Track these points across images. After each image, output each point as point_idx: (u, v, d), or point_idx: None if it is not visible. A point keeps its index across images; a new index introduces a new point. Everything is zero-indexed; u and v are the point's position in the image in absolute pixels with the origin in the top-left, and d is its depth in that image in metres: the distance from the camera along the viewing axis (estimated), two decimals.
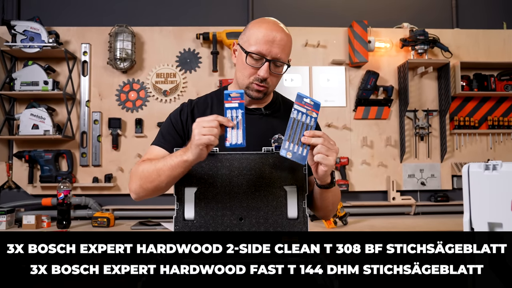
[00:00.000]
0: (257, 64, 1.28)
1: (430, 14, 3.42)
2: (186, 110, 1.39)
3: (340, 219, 2.65)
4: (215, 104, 1.41)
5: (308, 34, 3.16)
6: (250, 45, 1.27)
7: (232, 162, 1.28)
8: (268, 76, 1.28)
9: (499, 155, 3.22)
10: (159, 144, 1.36)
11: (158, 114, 3.05)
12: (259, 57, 1.26)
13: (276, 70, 1.30)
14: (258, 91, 1.31)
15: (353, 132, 3.17)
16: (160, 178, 1.21)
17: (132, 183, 1.30)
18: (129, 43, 2.99)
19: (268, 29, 1.27)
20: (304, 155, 1.13)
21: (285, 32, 1.29)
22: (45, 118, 2.86)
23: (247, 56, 1.28)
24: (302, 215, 1.29)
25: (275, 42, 1.26)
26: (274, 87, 1.36)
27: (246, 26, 1.34)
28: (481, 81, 3.18)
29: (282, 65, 1.30)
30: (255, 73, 1.29)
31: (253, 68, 1.28)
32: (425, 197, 3.23)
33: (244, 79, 1.32)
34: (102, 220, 2.66)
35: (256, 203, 1.28)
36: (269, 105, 1.42)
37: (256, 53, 1.26)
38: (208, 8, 3.31)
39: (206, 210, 1.27)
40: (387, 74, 3.21)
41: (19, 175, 3.02)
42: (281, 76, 1.35)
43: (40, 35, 2.86)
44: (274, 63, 1.28)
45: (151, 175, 1.23)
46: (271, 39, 1.25)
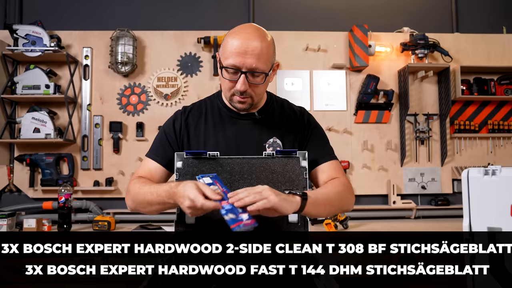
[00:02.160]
0: (234, 77, 1.24)
1: (430, 18, 3.43)
2: (180, 118, 1.40)
3: (341, 223, 2.65)
4: (209, 111, 1.41)
5: (308, 38, 3.17)
6: (226, 59, 1.24)
7: (233, 167, 1.29)
8: (246, 88, 1.25)
9: (499, 159, 3.23)
10: (152, 157, 1.38)
11: (159, 118, 3.05)
12: (234, 70, 1.23)
13: (254, 80, 1.25)
14: (241, 102, 1.29)
15: (353, 136, 3.17)
16: (152, 208, 1.25)
17: (128, 200, 1.33)
18: (130, 47, 3.01)
19: (241, 39, 1.22)
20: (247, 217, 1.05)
21: (261, 39, 1.23)
22: (47, 121, 2.87)
23: (223, 70, 1.25)
24: (302, 219, 1.29)
25: (248, 52, 1.21)
26: (260, 95, 1.32)
27: (225, 36, 1.29)
28: (481, 85, 3.18)
29: (260, 75, 1.25)
30: (233, 86, 1.26)
31: (231, 82, 1.26)
32: (426, 201, 3.23)
33: (225, 92, 1.31)
34: (103, 224, 2.67)
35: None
36: (262, 108, 1.40)
37: (230, 66, 1.22)
38: (209, 12, 3.32)
39: (206, 215, 1.27)
40: (387, 78, 3.22)
41: (20, 179, 3.03)
42: (265, 85, 1.30)
43: (42, 39, 2.87)
44: (251, 74, 1.24)
45: (142, 202, 1.26)
46: (243, 50, 1.21)
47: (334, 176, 1.37)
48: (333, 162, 1.40)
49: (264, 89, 1.33)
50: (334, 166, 1.40)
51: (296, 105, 1.49)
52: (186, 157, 1.28)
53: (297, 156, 1.31)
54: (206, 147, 1.34)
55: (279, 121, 1.40)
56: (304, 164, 1.30)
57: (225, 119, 1.39)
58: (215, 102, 1.43)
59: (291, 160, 1.30)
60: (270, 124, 1.38)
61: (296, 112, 1.45)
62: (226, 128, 1.38)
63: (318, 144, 1.41)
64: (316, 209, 1.21)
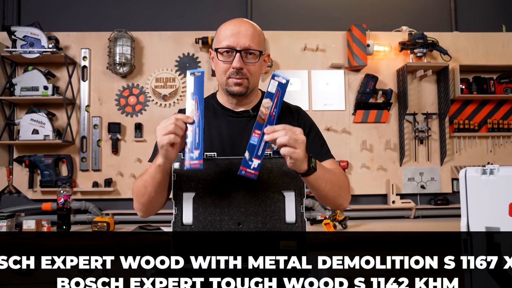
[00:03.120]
0: (229, 58, 1.30)
1: (429, 17, 3.42)
2: None
3: (340, 223, 2.64)
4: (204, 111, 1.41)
5: (307, 38, 3.17)
6: (219, 42, 1.32)
7: (230, 167, 1.28)
8: (241, 65, 1.29)
9: (499, 158, 3.22)
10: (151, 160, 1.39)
11: (158, 119, 3.05)
12: (229, 49, 1.29)
13: (249, 59, 1.31)
14: (237, 84, 1.32)
15: (352, 135, 3.17)
16: (148, 189, 1.25)
17: (134, 202, 1.35)
18: (128, 48, 3.00)
19: (232, 24, 1.33)
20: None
21: (252, 25, 1.34)
22: (45, 123, 2.87)
23: (218, 53, 1.31)
24: (300, 220, 1.29)
25: (241, 33, 1.29)
26: (255, 79, 1.36)
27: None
28: (480, 84, 3.18)
29: (255, 52, 1.31)
30: (229, 67, 1.31)
31: (227, 63, 1.31)
32: (425, 200, 3.22)
33: (221, 76, 1.34)
34: (102, 225, 2.66)
35: (254, 208, 1.28)
36: (257, 105, 1.41)
37: (225, 47, 1.29)
38: (207, 12, 3.32)
39: (204, 215, 1.27)
40: (386, 78, 3.22)
41: (19, 180, 3.03)
42: (259, 66, 1.35)
43: (40, 41, 2.87)
44: (245, 52, 1.29)
45: (141, 189, 1.27)
46: (236, 32, 1.29)
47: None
48: (332, 160, 1.42)
49: (258, 71, 1.36)
50: (334, 163, 1.41)
51: (292, 104, 1.49)
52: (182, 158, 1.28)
53: None
54: None
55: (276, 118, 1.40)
56: None
57: (220, 117, 1.40)
58: (209, 102, 1.45)
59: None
60: None
61: (292, 110, 1.46)
62: (221, 125, 1.39)
63: (315, 144, 1.42)
64: (323, 179, 1.23)
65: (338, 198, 1.33)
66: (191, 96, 1.15)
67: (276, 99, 1.09)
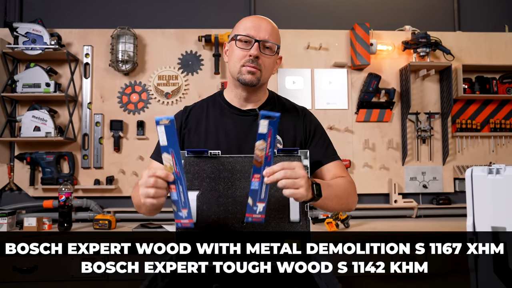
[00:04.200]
0: (248, 46, 1.32)
1: (432, 17, 3.41)
2: (181, 118, 1.41)
3: (342, 222, 2.64)
4: (211, 108, 1.42)
5: (310, 37, 3.16)
6: (239, 32, 1.34)
7: (234, 165, 1.28)
8: (259, 54, 1.31)
9: (501, 158, 3.21)
10: (155, 158, 1.40)
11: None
12: (248, 38, 1.31)
13: (267, 52, 1.33)
14: (251, 72, 1.32)
15: (355, 134, 3.16)
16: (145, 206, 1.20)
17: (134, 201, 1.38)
18: (131, 45, 3.00)
19: (254, 17, 1.37)
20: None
21: (272, 23, 1.37)
22: (47, 120, 2.87)
23: (237, 40, 1.32)
24: (304, 218, 1.28)
25: (262, 26, 1.33)
26: (267, 72, 1.36)
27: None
28: (483, 84, 3.17)
29: (272, 47, 1.34)
30: (246, 55, 1.31)
31: (244, 50, 1.32)
32: (427, 200, 3.22)
33: (235, 64, 1.34)
34: (104, 223, 2.66)
35: None
36: (264, 104, 1.41)
37: (245, 34, 1.31)
38: (210, 10, 3.31)
39: (208, 213, 1.27)
40: (389, 77, 3.21)
41: (20, 177, 3.02)
42: (273, 61, 1.37)
43: (42, 37, 2.86)
44: (263, 44, 1.32)
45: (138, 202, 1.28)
46: (258, 24, 1.33)
47: (340, 174, 1.39)
48: (338, 162, 1.43)
49: (272, 66, 1.38)
50: (339, 166, 1.42)
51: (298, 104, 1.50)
52: (187, 155, 1.28)
53: (298, 155, 1.30)
54: (207, 143, 1.34)
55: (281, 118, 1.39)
56: (305, 163, 1.30)
57: (227, 115, 1.39)
58: (216, 99, 1.44)
59: (293, 159, 1.29)
60: None
61: (298, 110, 1.46)
62: (227, 123, 1.38)
63: (321, 145, 1.42)
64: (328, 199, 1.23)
65: (346, 206, 1.37)
66: (166, 150, 1.03)
67: (269, 138, 1.03)
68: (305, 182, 1.08)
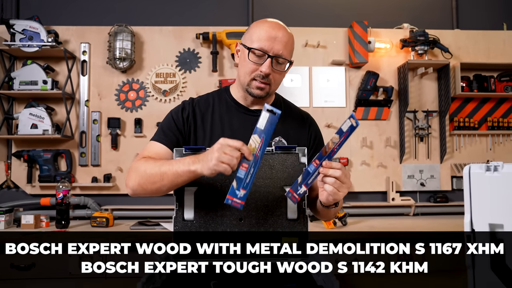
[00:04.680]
0: (260, 61, 1.28)
1: (431, 15, 3.41)
2: (188, 108, 1.38)
3: (340, 220, 2.64)
4: (217, 104, 1.40)
5: (308, 35, 3.16)
6: (253, 42, 1.28)
7: None
8: (270, 71, 1.28)
9: (498, 156, 3.22)
10: (160, 140, 1.33)
11: (158, 114, 3.04)
12: (261, 53, 1.27)
13: (278, 67, 1.30)
14: (260, 88, 1.31)
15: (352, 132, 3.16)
16: (163, 182, 1.18)
17: (131, 179, 1.25)
18: (128, 43, 2.99)
19: (271, 27, 1.29)
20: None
21: (287, 31, 1.31)
22: (44, 117, 2.86)
23: (250, 52, 1.28)
24: (302, 216, 1.28)
25: (277, 39, 1.27)
26: (276, 86, 1.35)
27: (249, 26, 1.35)
28: (481, 82, 3.18)
29: (284, 63, 1.30)
30: (257, 69, 1.29)
31: (255, 64, 1.29)
32: (425, 198, 3.22)
33: (245, 76, 1.31)
34: (101, 220, 2.65)
35: (255, 204, 1.27)
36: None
37: (259, 49, 1.27)
38: (208, 8, 3.30)
39: (205, 210, 1.27)
40: (387, 75, 3.21)
41: (17, 175, 3.01)
42: (284, 75, 1.34)
43: (39, 34, 2.85)
44: (276, 60, 1.28)
45: (154, 177, 1.19)
46: (273, 36, 1.27)
47: None
48: None
49: (281, 80, 1.36)
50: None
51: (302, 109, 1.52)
52: (185, 152, 1.27)
53: (296, 152, 1.30)
54: (212, 139, 1.32)
55: (286, 121, 1.40)
56: (303, 160, 1.30)
57: (233, 112, 1.38)
58: (223, 96, 1.43)
59: (291, 156, 1.30)
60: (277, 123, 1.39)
61: (303, 116, 1.47)
62: (233, 121, 1.37)
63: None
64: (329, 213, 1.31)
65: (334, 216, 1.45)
66: (259, 133, 1.07)
67: (343, 138, 1.09)
68: (347, 191, 1.14)
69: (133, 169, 1.27)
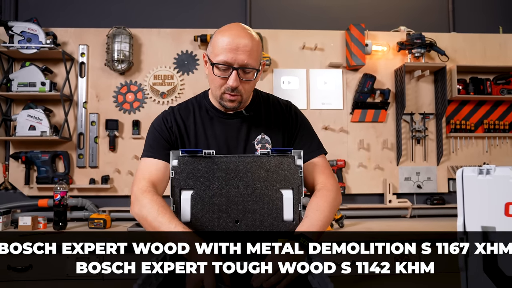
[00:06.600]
0: (225, 74, 1.24)
1: (427, 18, 3.43)
2: (170, 118, 1.38)
3: (337, 222, 2.65)
4: (197, 111, 1.39)
5: (305, 37, 3.17)
6: (216, 55, 1.24)
7: (228, 165, 1.28)
8: (238, 84, 1.25)
9: (494, 158, 3.24)
10: (152, 156, 1.33)
11: (155, 116, 3.03)
12: (225, 66, 1.23)
13: (246, 77, 1.26)
14: (231, 100, 1.29)
15: (349, 135, 3.18)
16: (155, 237, 1.19)
17: (134, 209, 1.28)
18: (126, 45, 3.00)
19: (232, 36, 1.23)
20: None
21: (251, 37, 1.25)
22: (42, 119, 2.86)
23: (213, 67, 1.25)
24: (298, 218, 1.29)
25: (239, 48, 1.22)
26: (249, 93, 1.32)
27: (213, 35, 1.30)
28: (477, 85, 3.20)
29: (251, 71, 1.26)
30: (225, 83, 1.26)
31: (222, 79, 1.25)
32: (421, 200, 3.24)
33: (215, 90, 1.30)
34: (99, 222, 2.66)
35: (252, 206, 1.28)
36: (249, 105, 1.39)
37: (222, 63, 1.23)
38: (206, 10, 3.31)
39: (202, 213, 1.27)
40: (384, 77, 3.23)
41: (15, 176, 3.02)
42: (254, 82, 1.31)
43: (37, 36, 2.86)
44: (242, 70, 1.24)
45: (151, 226, 1.22)
46: (235, 46, 1.22)
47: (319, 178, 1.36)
48: (322, 158, 1.40)
49: (253, 86, 1.33)
50: (322, 163, 1.39)
51: (282, 98, 1.48)
52: (182, 155, 1.28)
53: (292, 154, 1.31)
54: (198, 146, 1.34)
55: (267, 116, 1.40)
56: (299, 163, 1.30)
57: (214, 119, 1.38)
58: (202, 102, 1.42)
59: (286, 159, 1.30)
60: (257, 121, 1.38)
61: (282, 106, 1.44)
62: (215, 127, 1.37)
63: (305, 139, 1.41)
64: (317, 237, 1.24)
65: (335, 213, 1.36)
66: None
67: None
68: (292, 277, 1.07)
69: (135, 199, 1.28)
